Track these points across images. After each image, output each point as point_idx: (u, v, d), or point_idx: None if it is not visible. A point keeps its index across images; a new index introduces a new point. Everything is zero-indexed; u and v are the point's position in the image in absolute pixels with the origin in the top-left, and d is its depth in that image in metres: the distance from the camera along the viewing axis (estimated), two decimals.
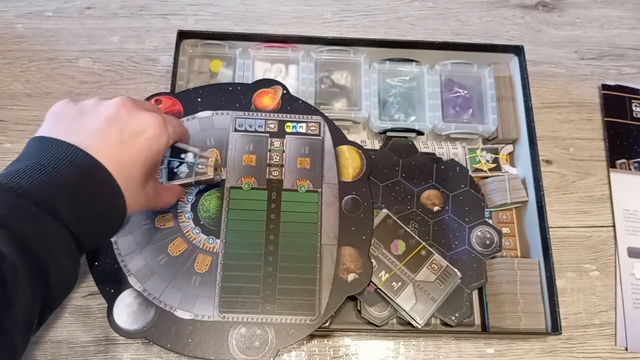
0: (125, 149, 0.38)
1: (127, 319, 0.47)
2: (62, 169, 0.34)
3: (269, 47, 0.63)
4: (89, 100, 0.40)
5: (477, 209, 0.56)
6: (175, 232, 0.50)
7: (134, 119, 0.39)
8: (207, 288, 0.48)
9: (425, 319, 0.51)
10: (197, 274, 0.49)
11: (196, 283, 0.48)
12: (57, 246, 0.34)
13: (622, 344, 0.55)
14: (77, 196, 0.35)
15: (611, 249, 0.59)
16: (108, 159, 0.37)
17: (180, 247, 0.50)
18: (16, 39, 0.65)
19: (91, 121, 0.38)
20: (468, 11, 0.71)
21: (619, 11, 0.72)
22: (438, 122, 0.60)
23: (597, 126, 0.65)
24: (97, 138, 0.37)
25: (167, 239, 0.50)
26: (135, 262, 0.49)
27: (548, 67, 0.68)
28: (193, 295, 0.48)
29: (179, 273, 0.49)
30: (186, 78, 0.61)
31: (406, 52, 0.64)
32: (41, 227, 0.32)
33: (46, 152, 0.35)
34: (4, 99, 0.62)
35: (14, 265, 0.30)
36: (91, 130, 0.38)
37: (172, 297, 0.48)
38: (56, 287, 0.34)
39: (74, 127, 0.38)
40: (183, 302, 0.48)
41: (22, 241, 0.31)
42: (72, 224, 0.34)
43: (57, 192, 0.34)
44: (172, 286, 0.48)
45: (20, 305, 0.30)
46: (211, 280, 0.48)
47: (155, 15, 0.68)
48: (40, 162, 0.35)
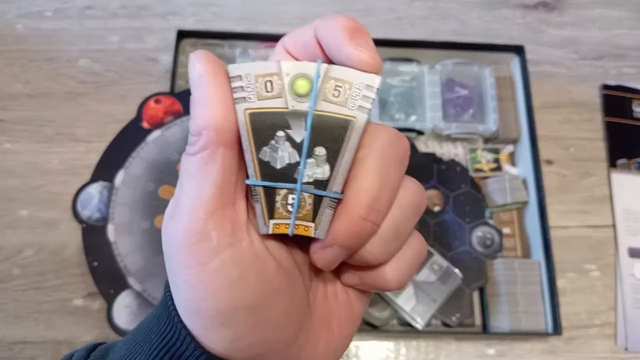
0: None
1: (127, 319, 0.47)
2: None
3: (269, 46, 0.62)
4: None
5: (477, 209, 0.56)
6: None
7: None
8: None
9: (426, 319, 0.51)
10: None
11: None
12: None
13: (622, 344, 0.55)
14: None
15: (612, 249, 0.59)
16: None
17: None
18: (16, 39, 0.65)
19: None
20: (468, 11, 0.71)
21: (619, 11, 0.72)
22: (438, 122, 0.60)
23: (598, 126, 0.65)
24: None
25: None
26: (135, 263, 0.49)
27: (549, 67, 0.68)
28: None
29: None
30: (186, 78, 0.61)
31: (407, 52, 0.64)
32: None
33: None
34: (4, 99, 0.62)
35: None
36: None
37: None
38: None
39: None
40: None
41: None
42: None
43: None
44: None
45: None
46: None
47: (155, 15, 0.68)
48: None
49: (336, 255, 0.21)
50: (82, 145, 0.59)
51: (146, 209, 0.52)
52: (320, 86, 0.20)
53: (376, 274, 0.22)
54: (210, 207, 0.19)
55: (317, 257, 0.21)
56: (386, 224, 0.21)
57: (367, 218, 0.20)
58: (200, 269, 0.19)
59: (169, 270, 0.21)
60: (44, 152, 0.59)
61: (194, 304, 0.20)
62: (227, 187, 0.20)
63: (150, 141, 0.55)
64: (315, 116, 0.20)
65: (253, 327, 0.20)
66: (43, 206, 0.57)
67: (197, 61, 0.20)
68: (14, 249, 0.55)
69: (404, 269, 0.22)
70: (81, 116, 0.61)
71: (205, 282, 0.20)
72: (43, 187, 0.57)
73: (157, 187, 0.53)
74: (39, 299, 0.53)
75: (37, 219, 0.56)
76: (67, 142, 0.60)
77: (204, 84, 0.20)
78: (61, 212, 0.56)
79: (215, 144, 0.20)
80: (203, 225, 0.19)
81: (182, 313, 0.21)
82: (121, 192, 0.53)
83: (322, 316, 0.23)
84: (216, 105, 0.19)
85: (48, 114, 0.61)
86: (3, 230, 0.56)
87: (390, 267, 0.22)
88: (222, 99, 0.20)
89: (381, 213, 0.20)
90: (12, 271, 0.54)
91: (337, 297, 0.24)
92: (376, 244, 0.21)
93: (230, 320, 0.20)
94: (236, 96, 0.20)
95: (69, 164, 0.58)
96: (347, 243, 0.20)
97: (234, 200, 0.20)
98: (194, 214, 0.19)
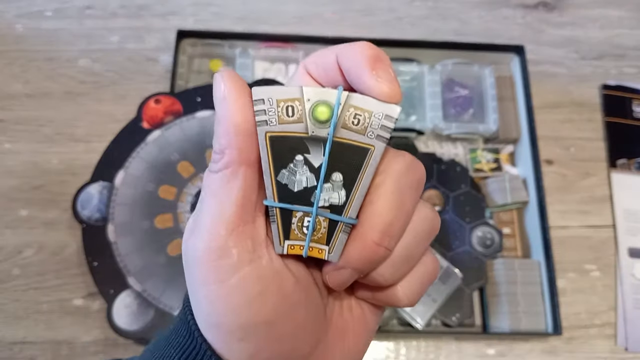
0: None
1: (127, 319, 0.47)
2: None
3: (268, 46, 0.62)
4: None
5: (477, 209, 0.56)
6: (175, 232, 0.50)
7: None
8: None
9: (426, 319, 0.51)
10: None
11: None
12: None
13: (622, 344, 0.55)
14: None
15: (612, 249, 0.59)
16: None
17: (180, 248, 0.50)
18: (16, 39, 0.65)
19: None
20: (469, 11, 0.71)
21: (619, 11, 0.72)
22: (439, 122, 0.59)
23: (598, 126, 0.65)
24: None
25: (167, 240, 0.50)
26: (135, 263, 0.49)
27: (549, 67, 0.68)
28: None
29: (178, 273, 0.49)
30: (186, 78, 0.61)
31: (407, 52, 0.64)
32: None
33: None
34: (3, 99, 0.62)
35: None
36: None
37: (171, 297, 0.48)
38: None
39: None
40: None
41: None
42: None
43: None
44: (172, 287, 0.48)
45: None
46: None
47: (155, 15, 0.68)
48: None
49: (348, 277, 0.21)
50: (82, 145, 0.59)
51: (146, 209, 0.52)
52: (340, 114, 0.20)
53: (388, 291, 0.23)
54: (231, 225, 0.20)
55: (329, 278, 0.22)
56: (398, 248, 0.21)
57: (380, 244, 0.20)
58: (221, 285, 0.20)
59: (189, 285, 0.21)
60: (43, 152, 0.59)
61: (214, 318, 0.20)
62: (248, 205, 0.20)
63: (150, 141, 0.55)
64: (334, 143, 0.20)
65: (272, 342, 0.21)
66: (43, 206, 0.56)
67: (222, 81, 0.20)
68: (13, 249, 0.55)
69: (415, 287, 0.23)
70: (81, 116, 0.61)
71: (225, 297, 0.20)
72: (43, 187, 0.57)
73: (157, 187, 0.53)
74: (38, 299, 0.53)
75: (37, 219, 0.56)
76: (66, 142, 0.60)
77: (228, 104, 0.20)
78: (61, 212, 0.56)
79: (237, 163, 0.20)
80: (224, 242, 0.20)
81: (202, 327, 0.21)
82: (121, 192, 0.53)
83: (337, 329, 0.23)
84: (240, 126, 0.20)
85: (48, 114, 0.61)
86: (3, 230, 0.56)
87: (402, 286, 0.23)
88: (245, 120, 0.20)
89: (394, 239, 0.21)
90: (12, 271, 0.54)
91: (352, 311, 0.24)
92: (387, 267, 0.21)
93: (250, 335, 0.20)
94: (258, 119, 0.20)
95: (68, 163, 0.58)
96: (359, 266, 0.21)
97: (254, 218, 0.21)
98: (215, 231, 0.20)
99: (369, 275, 0.22)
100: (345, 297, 0.24)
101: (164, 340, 0.23)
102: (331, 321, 0.23)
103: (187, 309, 0.22)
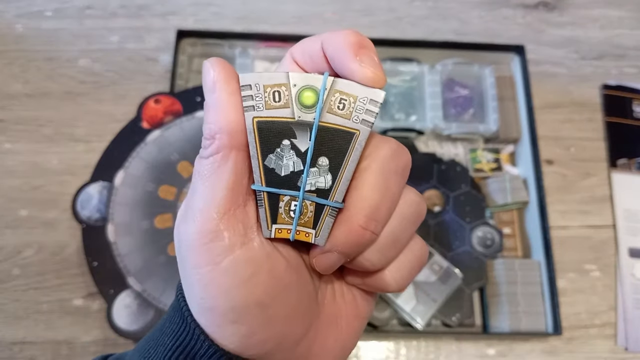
0: None
1: (127, 319, 0.47)
2: None
3: (268, 46, 0.62)
4: None
5: (478, 209, 0.56)
6: None
7: None
8: None
9: (426, 319, 0.51)
10: None
11: None
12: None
13: (622, 344, 0.55)
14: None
15: (612, 249, 0.59)
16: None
17: None
18: (15, 39, 0.65)
19: None
20: (469, 11, 0.71)
21: (619, 11, 0.72)
22: (439, 122, 0.59)
23: (598, 126, 0.65)
24: None
25: (167, 240, 0.50)
26: (135, 263, 0.49)
27: (549, 67, 0.68)
28: None
29: (178, 273, 0.49)
30: (186, 78, 0.61)
31: (407, 52, 0.64)
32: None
33: None
34: (3, 99, 0.62)
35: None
36: None
37: (171, 297, 0.47)
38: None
39: None
40: None
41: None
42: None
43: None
44: (172, 287, 0.48)
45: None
46: None
47: (155, 15, 0.67)
48: None
49: (335, 261, 0.22)
50: (82, 145, 0.59)
51: (146, 209, 0.52)
52: (325, 99, 0.20)
53: (376, 276, 0.23)
54: (223, 208, 0.20)
55: (316, 261, 0.22)
56: (385, 233, 0.21)
57: (366, 227, 0.21)
58: (213, 267, 0.20)
59: (182, 270, 0.22)
60: (43, 152, 0.59)
61: (207, 301, 0.21)
62: (239, 189, 0.21)
63: (150, 141, 0.55)
64: (320, 127, 0.20)
65: (264, 323, 0.21)
66: (43, 206, 0.56)
67: (211, 68, 0.21)
68: (13, 249, 0.55)
69: (403, 272, 0.23)
70: (81, 116, 0.61)
71: (217, 279, 0.20)
72: (43, 187, 0.57)
73: (157, 187, 0.53)
74: (38, 299, 0.53)
75: (37, 219, 0.56)
76: (66, 142, 0.60)
77: (217, 90, 0.20)
78: (61, 212, 0.56)
79: (227, 147, 0.20)
80: (215, 225, 0.20)
81: (195, 312, 0.21)
82: (121, 192, 0.53)
83: (330, 314, 0.24)
84: (229, 111, 0.20)
85: (47, 114, 0.61)
86: (3, 230, 0.56)
87: (390, 271, 0.23)
88: (235, 105, 0.20)
89: (380, 223, 0.21)
90: (12, 271, 0.54)
91: (343, 297, 0.24)
92: (374, 251, 0.22)
93: (243, 317, 0.21)
94: (245, 104, 0.20)
95: (68, 163, 0.58)
96: (346, 250, 0.21)
97: (245, 201, 0.21)
98: (207, 215, 0.20)
99: (356, 260, 0.22)
100: (336, 283, 0.25)
101: (158, 330, 0.23)
102: (323, 306, 0.24)
103: (180, 296, 0.22)
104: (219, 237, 0.20)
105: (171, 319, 0.23)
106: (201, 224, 0.20)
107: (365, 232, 0.21)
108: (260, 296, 0.20)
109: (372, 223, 0.21)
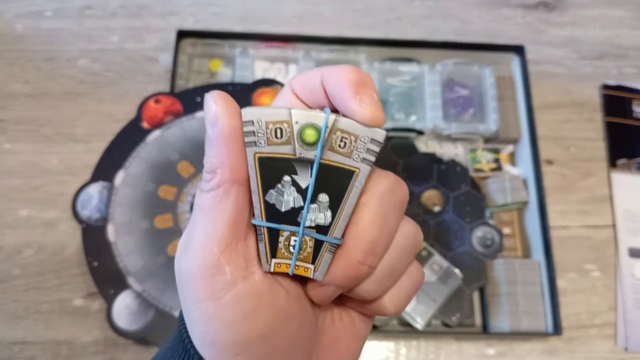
0: None
1: (127, 319, 0.47)
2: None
3: (268, 46, 0.62)
4: None
5: (477, 209, 0.56)
6: (175, 232, 0.50)
7: None
8: None
9: (426, 319, 0.51)
10: None
11: None
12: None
13: (622, 344, 0.55)
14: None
15: (612, 249, 0.59)
16: None
17: None
18: (15, 39, 0.65)
19: None
20: (469, 11, 0.71)
21: (620, 11, 0.72)
22: (439, 122, 0.59)
23: (598, 126, 0.65)
24: None
25: (167, 240, 0.50)
26: (135, 263, 0.49)
27: (549, 67, 0.68)
28: None
29: None
30: (186, 78, 0.61)
31: (407, 52, 0.64)
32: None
33: None
34: (3, 99, 0.62)
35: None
36: None
37: (171, 297, 0.48)
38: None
39: None
40: None
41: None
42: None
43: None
44: (172, 287, 0.48)
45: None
46: None
47: (155, 15, 0.68)
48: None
49: (332, 293, 0.22)
50: (82, 145, 0.59)
51: (146, 209, 0.52)
52: (327, 137, 0.20)
53: (375, 302, 0.23)
54: (224, 242, 0.20)
55: (313, 294, 0.22)
56: (382, 265, 0.22)
57: (364, 262, 0.21)
58: (215, 302, 0.20)
59: (184, 304, 0.21)
60: (43, 152, 0.59)
61: (209, 335, 0.21)
62: (240, 223, 0.21)
63: (150, 141, 0.55)
64: (321, 165, 0.21)
65: (267, 355, 0.21)
66: (43, 206, 0.56)
67: (213, 102, 0.20)
68: (13, 249, 0.55)
69: (401, 297, 0.23)
70: (80, 116, 0.61)
71: (220, 314, 0.20)
72: (43, 187, 0.57)
73: (157, 187, 0.53)
74: (38, 299, 0.53)
75: (37, 219, 0.56)
76: (66, 142, 0.60)
77: (219, 124, 0.20)
78: (61, 212, 0.56)
79: (229, 182, 0.20)
80: (217, 260, 0.20)
81: (198, 345, 0.21)
82: (121, 192, 0.53)
83: (329, 338, 0.24)
84: (231, 146, 0.20)
85: (47, 113, 0.61)
86: (3, 230, 0.56)
87: (388, 296, 0.23)
88: (237, 140, 0.20)
89: (378, 257, 0.21)
90: (12, 271, 0.54)
91: (342, 320, 0.25)
92: (371, 283, 0.22)
93: (246, 350, 0.21)
94: (247, 140, 0.20)
95: (68, 163, 0.58)
96: (343, 284, 0.22)
97: (246, 235, 0.21)
98: (208, 249, 0.20)
99: (354, 291, 0.22)
100: (335, 307, 0.25)
101: (161, 359, 0.23)
102: (323, 331, 0.24)
103: (182, 327, 0.22)
104: (221, 272, 0.20)
105: (174, 349, 0.23)
106: (202, 258, 0.20)
107: (362, 267, 0.21)
108: (262, 329, 0.20)
109: (370, 258, 0.21)
